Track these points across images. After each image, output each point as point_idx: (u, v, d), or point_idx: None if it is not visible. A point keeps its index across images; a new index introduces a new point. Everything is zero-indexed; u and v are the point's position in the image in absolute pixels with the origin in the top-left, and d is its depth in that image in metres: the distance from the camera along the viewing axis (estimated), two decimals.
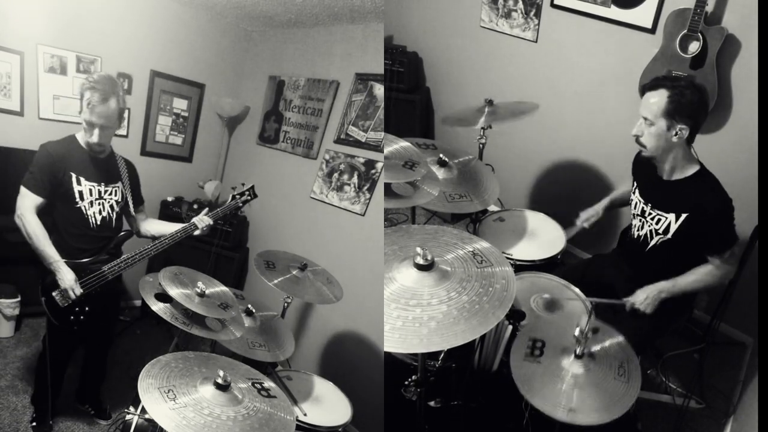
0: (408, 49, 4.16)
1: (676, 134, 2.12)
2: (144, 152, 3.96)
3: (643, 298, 2.26)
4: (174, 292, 2.23)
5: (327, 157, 3.64)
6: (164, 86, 3.92)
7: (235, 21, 4.12)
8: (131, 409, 2.30)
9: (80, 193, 2.37)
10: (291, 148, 3.91)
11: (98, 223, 2.44)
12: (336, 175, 3.57)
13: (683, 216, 2.20)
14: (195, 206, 3.84)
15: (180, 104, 4.08)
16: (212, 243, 3.82)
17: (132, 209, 2.58)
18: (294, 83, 3.93)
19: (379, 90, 3.40)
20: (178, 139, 4.16)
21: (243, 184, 2.84)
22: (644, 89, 2.20)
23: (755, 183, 2.13)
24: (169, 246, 2.51)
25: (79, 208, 2.38)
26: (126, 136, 3.81)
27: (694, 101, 2.10)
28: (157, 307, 2.26)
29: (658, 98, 2.12)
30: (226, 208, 2.74)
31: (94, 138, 2.33)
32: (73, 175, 2.35)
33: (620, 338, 1.95)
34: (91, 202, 2.41)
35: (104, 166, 2.46)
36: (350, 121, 3.52)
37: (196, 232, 2.58)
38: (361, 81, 3.49)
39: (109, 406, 2.95)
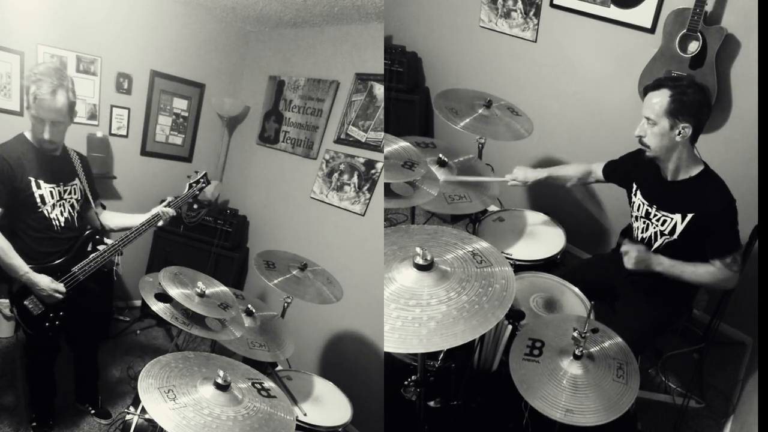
0: (407, 49, 4.16)
1: (680, 133, 2.11)
2: (144, 152, 3.97)
3: (634, 253, 2.22)
4: (174, 292, 2.23)
5: (327, 157, 3.64)
6: (164, 86, 3.92)
7: (235, 21, 4.12)
8: (131, 409, 2.30)
9: (41, 197, 2.28)
10: (291, 148, 3.91)
11: (62, 224, 2.37)
12: (336, 175, 3.57)
13: (689, 216, 2.19)
14: (194, 206, 3.84)
15: (180, 104, 4.08)
16: (212, 243, 3.83)
17: (92, 204, 2.53)
18: (294, 83, 3.93)
19: (379, 90, 3.40)
20: (178, 139, 4.16)
21: (196, 172, 2.88)
22: (646, 90, 2.19)
23: (755, 183, 2.14)
24: (135, 239, 2.49)
25: (42, 212, 2.30)
26: (126, 136, 3.81)
27: (697, 100, 2.09)
28: (157, 307, 2.26)
29: (661, 98, 2.11)
30: (185, 197, 2.77)
31: (46, 135, 2.20)
32: (32, 180, 2.25)
33: (619, 339, 1.95)
34: (53, 205, 2.33)
35: (60, 165, 2.38)
36: (350, 121, 3.52)
37: (160, 223, 2.59)
38: (361, 81, 3.49)
39: (108, 406, 2.95)
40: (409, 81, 4.09)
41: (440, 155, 2.61)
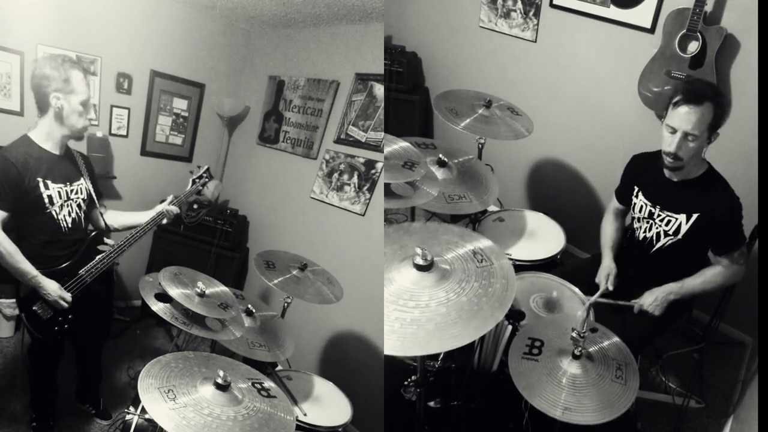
0: (407, 49, 4.16)
1: (710, 142, 2.12)
2: (144, 152, 3.97)
3: (652, 300, 2.25)
4: (174, 292, 2.23)
5: (327, 157, 3.64)
6: (164, 86, 3.93)
7: (235, 21, 4.12)
8: (131, 409, 2.30)
9: (49, 197, 2.24)
10: (291, 148, 3.91)
11: (69, 226, 2.34)
12: (336, 175, 3.57)
13: (694, 216, 2.19)
14: (194, 206, 3.84)
15: (180, 104, 4.08)
16: (212, 243, 3.83)
17: (96, 203, 2.50)
18: (294, 83, 3.93)
19: (379, 90, 3.40)
20: (178, 139, 4.16)
21: (199, 167, 2.85)
22: (679, 102, 2.05)
23: (754, 183, 2.13)
24: (140, 238, 2.47)
25: (50, 213, 2.26)
26: (126, 136, 3.81)
27: (727, 107, 2.09)
28: (157, 307, 2.26)
29: (706, 112, 2.03)
30: (189, 193, 2.75)
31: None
32: (40, 180, 2.21)
33: (618, 339, 1.95)
34: (61, 205, 2.30)
35: (65, 164, 2.34)
36: (350, 121, 3.53)
37: (164, 221, 2.57)
38: (361, 81, 3.49)
39: (109, 406, 2.95)
40: (409, 81, 4.09)
41: (440, 155, 2.61)
